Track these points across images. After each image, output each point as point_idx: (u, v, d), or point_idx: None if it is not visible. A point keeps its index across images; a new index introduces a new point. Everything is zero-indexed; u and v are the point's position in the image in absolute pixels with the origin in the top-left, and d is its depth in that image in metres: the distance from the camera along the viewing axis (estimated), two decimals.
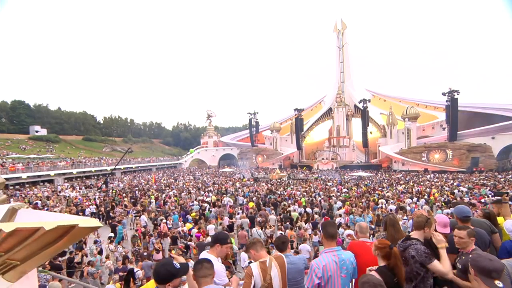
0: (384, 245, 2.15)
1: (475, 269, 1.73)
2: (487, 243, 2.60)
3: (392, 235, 2.55)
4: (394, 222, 2.64)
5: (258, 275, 2.20)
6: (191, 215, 13.29)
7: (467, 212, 2.78)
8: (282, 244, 2.57)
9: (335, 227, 2.36)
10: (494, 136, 33.61)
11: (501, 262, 1.78)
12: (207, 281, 1.84)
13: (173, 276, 1.72)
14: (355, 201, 15.38)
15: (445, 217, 2.91)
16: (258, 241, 2.44)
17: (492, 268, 1.65)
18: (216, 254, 2.37)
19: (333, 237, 2.30)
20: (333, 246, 2.28)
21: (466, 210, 2.80)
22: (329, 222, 2.48)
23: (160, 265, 1.82)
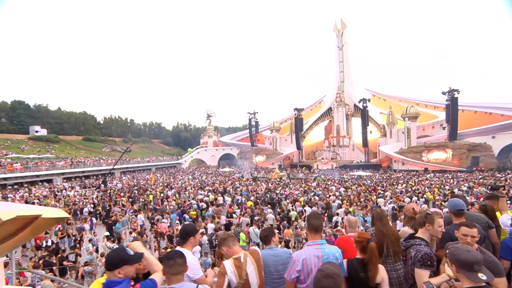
0: (361, 239, 2.09)
1: (456, 264, 1.62)
2: (481, 238, 2.50)
3: (380, 230, 2.45)
4: (381, 216, 2.54)
5: (232, 272, 2.10)
6: (191, 213, 13.24)
7: (461, 205, 2.64)
8: (265, 237, 2.49)
9: (319, 220, 2.25)
10: (494, 135, 33.52)
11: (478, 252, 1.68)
12: (179, 278, 1.74)
13: (123, 261, 1.62)
14: (354, 200, 15.31)
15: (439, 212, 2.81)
16: (229, 236, 2.33)
17: (473, 260, 1.55)
18: (190, 247, 2.30)
19: (317, 230, 2.20)
20: (317, 239, 2.18)
21: (460, 203, 2.66)
22: (314, 214, 2.38)
23: (112, 251, 1.73)
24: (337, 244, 2.53)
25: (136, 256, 1.71)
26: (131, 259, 1.67)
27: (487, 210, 3.04)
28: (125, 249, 1.72)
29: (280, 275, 2.25)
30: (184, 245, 2.31)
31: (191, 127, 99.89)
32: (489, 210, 3.03)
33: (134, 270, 1.74)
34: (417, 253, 2.11)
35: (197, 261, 2.28)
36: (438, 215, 2.26)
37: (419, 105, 45.02)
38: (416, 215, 2.67)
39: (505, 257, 2.36)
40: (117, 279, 1.60)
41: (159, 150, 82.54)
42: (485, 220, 2.75)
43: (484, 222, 2.72)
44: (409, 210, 2.78)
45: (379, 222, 2.49)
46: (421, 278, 2.01)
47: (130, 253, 1.69)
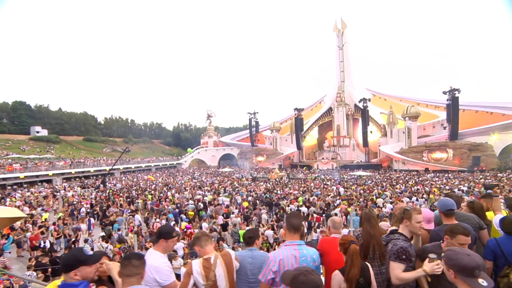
0: (344, 241, 2.02)
1: (455, 269, 1.50)
2: (472, 240, 2.42)
3: (367, 231, 2.37)
4: (370, 217, 2.46)
5: (199, 273, 2.01)
6: (189, 213, 13.19)
7: (451, 205, 2.54)
8: (249, 238, 2.39)
9: (299, 219, 2.18)
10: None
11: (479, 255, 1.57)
12: (132, 281, 1.61)
13: (79, 262, 1.52)
14: (354, 200, 15.21)
15: (429, 212, 2.69)
16: (203, 236, 2.23)
17: (474, 265, 1.45)
18: (161, 250, 2.20)
19: (296, 229, 2.12)
20: (296, 239, 2.10)
21: (450, 202, 2.55)
22: (294, 213, 2.32)
23: (69, 251, 1.66)
24: (319, 245, 2.44)
25: (94, 256, 1.62)
26: (89, 260, 1.57)
27: (474, 208, 2.95)
28: (82, 249, 1.63)
29: (256, 279, 2.16)
30: (155, 246, 2.22)
31: (192, 127, 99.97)
32: (477, 208, 2.93)
33: (94, 272, 1.64)
34: (393, 247, 2.10)
35: (169, 266, 2.16)
36: (416, 211, 2.20)
37: (419, 104, 44.83)
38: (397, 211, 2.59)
39: (487, 257, 2.32)
40: (74, 282, 1.50)
41: (160, 151, 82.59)
42: (476, 221, 2.65)
43: (475, 223, 2.63)
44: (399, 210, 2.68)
45: (367, 223, 2.41)
46: (394, 270, 1.99)
47: (88, 253, 1.61)
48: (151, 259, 2.03)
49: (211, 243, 2.23)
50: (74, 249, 1.61)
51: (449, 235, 2.03)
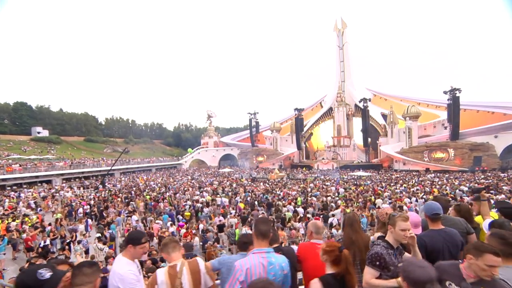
0: (332, 248, 1.82)
1: (407, 281, 1.45)
2: (459, 245, 2.31)
3: (349, 237, 2.27)
4: (353, 221, 2.37)
5: (164, 282, 1.92)
6: (185, 214, 13.14)
7: (437, 209, 2.42)
8: (243, 244, 2.27)
9: (267, 225, 2.05)
10: (497, 134, 33.08)
11: (433, 269, 1.50)
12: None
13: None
14: (354, 201, 15.10)
15: (416, 216, 2.59)
16: (171, 242, 2.11)
17: (426, 279, 1.38)
18: (129, 256, 2.07)
19: (264, 236, 2.00)
20: (264, 246, 1.98)
21: (436, 206, 2.44)
22: (262, 218, 2.22)
23: (21, 274, 1.51)
24: (298, 251, 2.35)
25: (51, 280, 1.42)
26: (44, 285, 1.39)
27: (461, 211, 2.86)
28: (36, 271, 1.43)
29: None
30: (123, 252, 2.11)
31: (192, 127, 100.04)
32: (464, 212, 2.85)
33: None
34: (369, 252, 2.00)
35: (135, 274, 2.01)
36: (402, 218, 2.05)
37: (420, 104, 44.64)
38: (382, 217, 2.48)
39: None
40: None
41: (160, 151, 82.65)
42: (463, 225, 2.57)
43: (462, 228, 2.54)
44: (382, 214, 2.53)
45: (349, 227, 2.31)
46: (365, 275, 1.90)
47: (43, 276, 1.41)
48: (116, 266, 1.94)
49: (179, 249, 2.14)
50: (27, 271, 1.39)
51: (474, 254, 1.65)
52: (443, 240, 2.25)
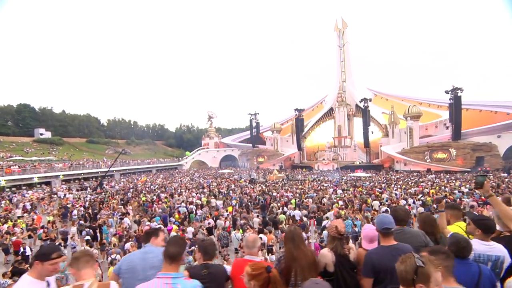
0: (258, 271, 1.61)
1: None
2: None
3: (290, 252, 2.05)
4: (294, 236, 2.13)
5: None
6: (175, 217, 13.02)
7: (388, 223, 2.18)
8: (146, 235, 2.10)
9: (179, 247, 1.81)
10: (500, 134, 32.55)
11: None
12: None
13: None
14: (348, 204, 14.86)
15: (372, 229, 2.36)
16: (83, 256, 1.84)
17: None
18: (36, 274, 1.84)
19: (173, 259, 1.76)
20: (172, 270, 1.74)
21: (387, 220, 2.21)
22: (173, 238, 1.92)
23: None
24: (231, 268, 2.18)
25: None
26: None
27: (424, 221, 2.68)
28: None
29: None
30: (30, 271, 1.90)
31: (194, 128, 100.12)
32: (427, 222, 2.65)
33: None
34: None
35: None
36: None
37: (422, 104, 44.13)
38: (339, 234, 2.27)
39: None
40: None
41: (162, 152, 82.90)
42: (422, 239, 2.36)
43: (421, 241, 2.34)
44: (332, 228, 2.30)
45: (290, 243, 2.09)
46: None
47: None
48: (17, 286, 1.76)
49: (91, 266, 1.87)
50: None
51: None
52: (393, 258, 2.03)
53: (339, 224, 2.25)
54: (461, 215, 2.95)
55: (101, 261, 9.25)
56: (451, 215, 2.90)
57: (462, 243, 1.92)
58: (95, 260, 1.89)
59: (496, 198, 2.34)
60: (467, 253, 1.93)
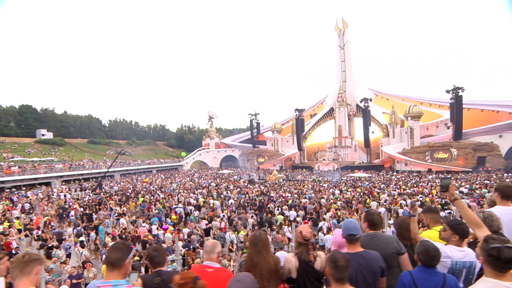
0: (185, 280, 1.59)
1: None
2: (376, 271, 1.98)
3: (251, 259, 1.97)
4: (257, 241, 2.03)
5: None
6: (172, 218, 12.99)
7: (353, 229, 2.07)
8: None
9: (120, 251, 1.70)
10: (502, 134, 32.23)
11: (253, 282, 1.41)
12: None
13: None
14: (350, 204, 14.75)
15: (341, 235, 2.25)
16: (17, 263, 1.61)
17: None
18: None
19: (114, 265, 1.64)
20: (113, 277, 1.64)
21: (352, 226, 2.09)
22: (115, 244, 1.80)
23: None
24: None
25: None
26: None
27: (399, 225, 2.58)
28: None
29: None
30: None
31: (195, 129, 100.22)
32: (403, 226, 2.55)
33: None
34: None
35: None
36: None
37: (423, 104, 43.87)
38: (304, 239, 2.20)
39: None
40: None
41: (163, 152, 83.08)
42: (394, 245, 2.26)
43: (393, 248, 2.24)
44: (298, 233, 2.20)
45: (253, 248, 2.02)
46: None
47: None
48: None
49: (28, 273, 1.62)
50: None
51: None
52: (358, 265, 1.96)
53: (304, 229, 2.16)
54: (439, 218, 2.84)
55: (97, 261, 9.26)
56: (430, 218, 2.79)
57: (431, 252, 1.84)
58: (38, 264, 1.65)
59: (461, 202, 2.26)
60: (435, 262, 1.85)
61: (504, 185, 2.55)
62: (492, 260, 1.51)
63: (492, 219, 2.19)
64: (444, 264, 1.99)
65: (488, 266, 1.56)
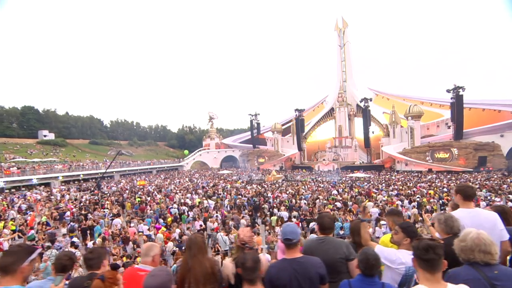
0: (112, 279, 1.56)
1: None
2: (313, 279, 1.87)
3: (185, 262, 1.91)
4: (191, 244, 1.95)
5: None
6: (168, 220, 12.96)
7: (289, 233, 1.96)
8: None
9: (12, 255, 1.62)
10: (503, 133, 31.88)
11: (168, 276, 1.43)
12: None
13: None
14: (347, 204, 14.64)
15: None
16: None
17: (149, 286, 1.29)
18: None
19: (6, 271, 1.55)
20: (6, 283, 1.53)
21: (289, 230, 1.99)
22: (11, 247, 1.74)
23: None
24: (123, 277, 2.04)
25: None
26: None
27: (352, 230, 2.50)
28: None
29: None
30: None
31: (196, 129, 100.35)
32: (355, 231, 2.45)
33: None
34: None
35: None
36: None
37: (423, 103, 43.58)
38: (242, 243, 2.08)
39: None
40: None
41: (164, 153, 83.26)
42: (343, 251, 2.18)
43: (341, 254, 2.16)
44: (238, 237, 2.10)
45: (187, 252, 1.95)
46: None
47: None
48: None
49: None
50: None
51: None
52: (293, 272, 1.87)
53: (242, 232, 2.07)
54: (402, 220, 2.76)
55: None
56: (392, 222, 2.71)
57: (371, 261, 1.75)
58: None
59: None
60: (375, 272, 1.77)
61: (465, 186, 2.50)
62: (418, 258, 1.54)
63: (452, 221, 2.13)
64: (398, 271, 1.91)
65: (418, 268, 1.54)
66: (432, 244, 1.52)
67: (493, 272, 1.56)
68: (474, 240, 1.61)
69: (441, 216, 2.22)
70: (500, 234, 2.14)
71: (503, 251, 2.13)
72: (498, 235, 2.13)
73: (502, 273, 1.58)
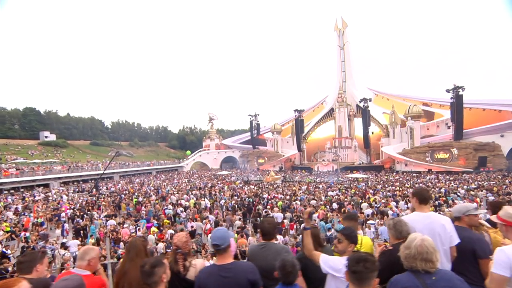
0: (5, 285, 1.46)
1: None
2: (243, 285, 1.82)
3: (122, 265, 1.91)
4: (130, 248, 1.93)
5: None
6: (165, 221, 12.97)
7: (217, 238, 1.87)
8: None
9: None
10: (504, 133, 31.64)
11: None
12: None
13: None
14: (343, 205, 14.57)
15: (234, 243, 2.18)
16: None
17: None
18: None
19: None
20: None
21: (217, 235, 1.90)
22: None
23: None
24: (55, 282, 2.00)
25: None
26: None
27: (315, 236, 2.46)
28: None
29: None
30: None
31: (197, 130, 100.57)
32: (316, 235, 2.42)
33: None
34: None
35: None
36: None
37: (423, 103, 43.34)
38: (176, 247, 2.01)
39: None
40: None
41: (165, 154, 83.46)
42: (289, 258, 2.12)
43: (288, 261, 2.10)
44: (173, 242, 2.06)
45: (126, 254, 1.95)
46: None
47: None
48: None
49: None
50: None
51: None
52: (220, 278, 1.82)
53: (177, 237, 2.03)
54: (357, 226, 2.74)
55: None
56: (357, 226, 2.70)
57: (287, 268, 1.73)
58: None
59: None
60: (293, 279, 1.74)
61: (421, 189, 2.46)
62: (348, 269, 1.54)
63: (401, 225, 2.10)
64: (343, 281, 1.88)
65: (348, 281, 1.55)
66: (364, 257, 1.49)
67: (432, 279, 1.56)
68: (417, 247, 1.59)
69: (391, 221, 2.19)
70: (450, 238, 2.11)
71: (452, 256, 2.11)
72: (449, 239, 2.11)
73: (441, 277, 1.57)
